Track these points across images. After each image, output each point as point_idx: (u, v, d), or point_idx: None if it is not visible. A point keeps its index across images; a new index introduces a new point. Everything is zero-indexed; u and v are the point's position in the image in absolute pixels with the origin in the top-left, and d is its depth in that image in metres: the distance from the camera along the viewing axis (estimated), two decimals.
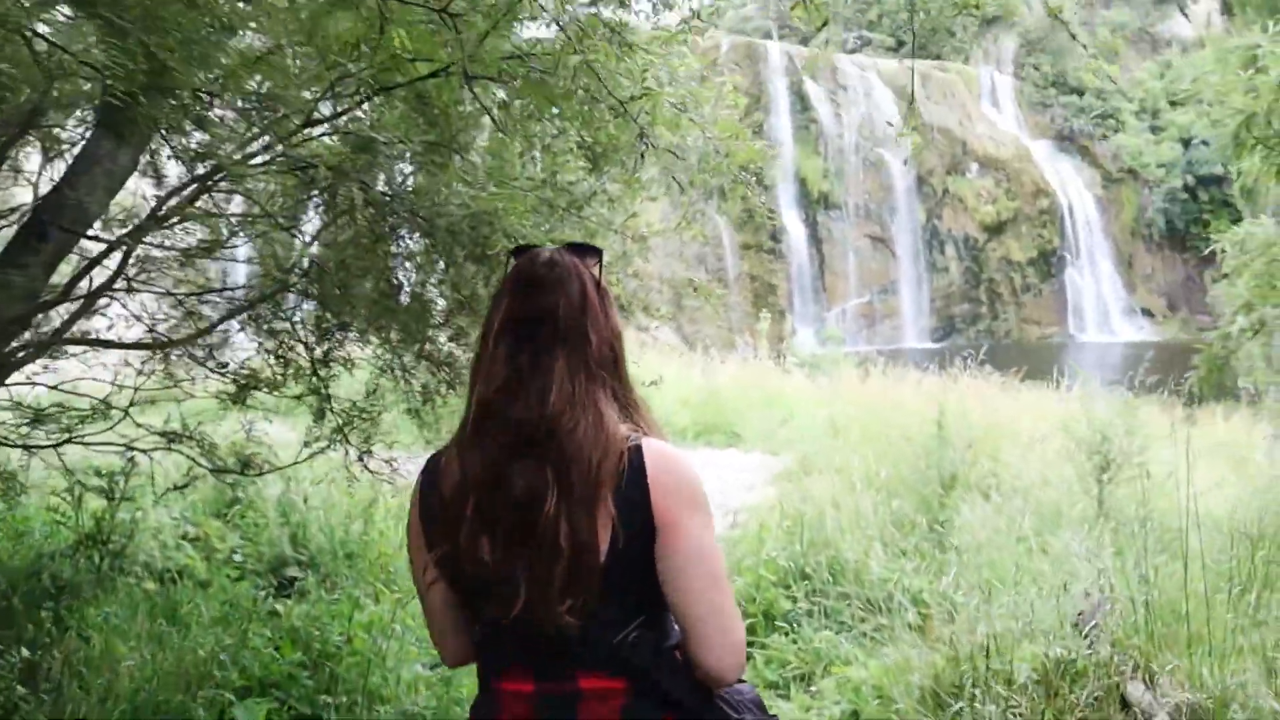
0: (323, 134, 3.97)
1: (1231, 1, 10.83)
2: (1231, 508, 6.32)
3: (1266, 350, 13.45)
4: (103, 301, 4.41)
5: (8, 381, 4.28)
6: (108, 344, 4.51)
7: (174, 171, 4.03)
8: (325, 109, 3.84)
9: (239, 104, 3.52)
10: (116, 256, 4.24)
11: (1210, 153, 46.90)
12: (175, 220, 4.14)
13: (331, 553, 6.55)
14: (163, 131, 3.32)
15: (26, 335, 4.29)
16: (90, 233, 4.15)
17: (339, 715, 4.36)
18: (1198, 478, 4.77)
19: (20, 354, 4.21)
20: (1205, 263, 49.31)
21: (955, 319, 42.68)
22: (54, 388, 4.62)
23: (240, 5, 3.45)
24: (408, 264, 4.54)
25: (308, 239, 4.48)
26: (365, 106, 3.96)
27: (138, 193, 4.38)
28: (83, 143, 4.15)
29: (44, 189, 4.13)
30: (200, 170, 3.84)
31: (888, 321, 40.96)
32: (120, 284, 4.32)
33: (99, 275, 4.30)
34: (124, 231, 4.07)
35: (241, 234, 4.52)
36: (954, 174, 44.01)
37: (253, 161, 3.77)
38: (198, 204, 4.22)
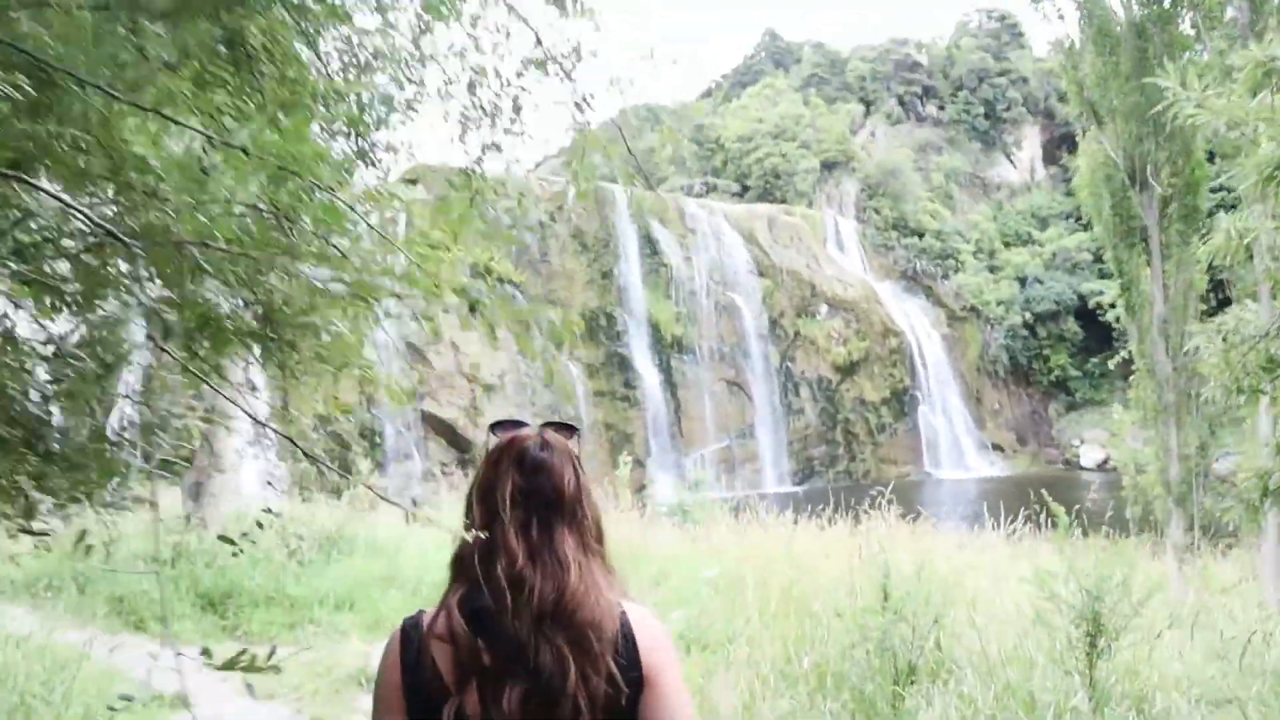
0: None
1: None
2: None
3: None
4: None
5: None
6: None
7: None
8: None
9: None
10: None
11: (1045, 289, 48.52)
12: None
13: None
14: None
15: None
16: None
17: None
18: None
19: None
20: (1048, 397, 50.86)
21: (814, 461, 42.08)
22: None
23: None
24: None
25: None
26: None
27: None
28: None
29: None
30: None
31: (748, 466, 40.05)
32: None
33: None
34: None
35: None
36: (804, 316, 44.07)
37: None
38: None
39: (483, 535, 2.02)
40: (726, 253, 43.04)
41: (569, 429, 2.19)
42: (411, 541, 11.37)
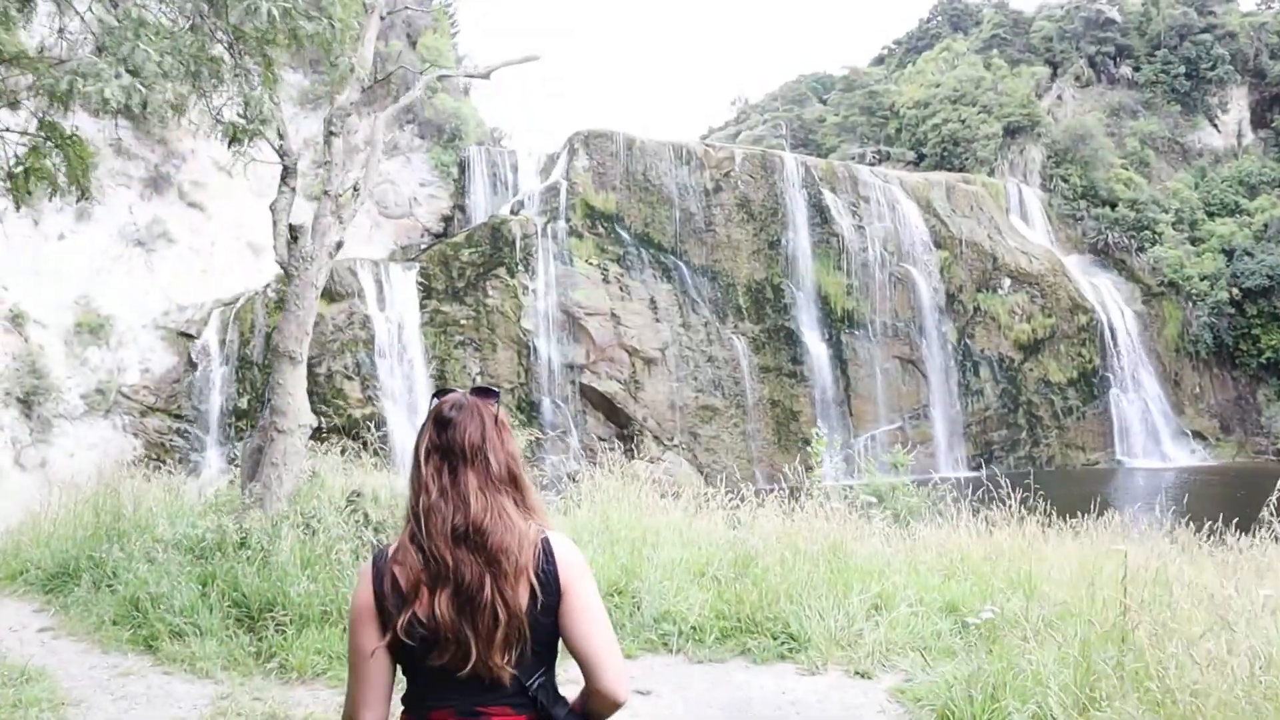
0: None
1: None
2: None
3: None
4: None
5: None
6: None
7: None
8: None
9: None
10: None
11: (1255, 263, 44.26)
12: None
13: None
14: None
15: None
16: None
17: None
18: None
19: None
20: (1257, 381, 46.47)
21: (993, 445, 39.43)
22: None
23: None
24: None
25: None
26: None
27: None
28: None
29: None
30: None
31: (921, 449, 37.69)
32: None
33: None
34: None
35: None
36: (985, 290, 41.32)
37: None
38: None
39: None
40: (901, 222, 40.62)
41: (490, 393, 2.74)
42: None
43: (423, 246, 36.59)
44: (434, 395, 2.75)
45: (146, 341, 31.00)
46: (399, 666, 2.60)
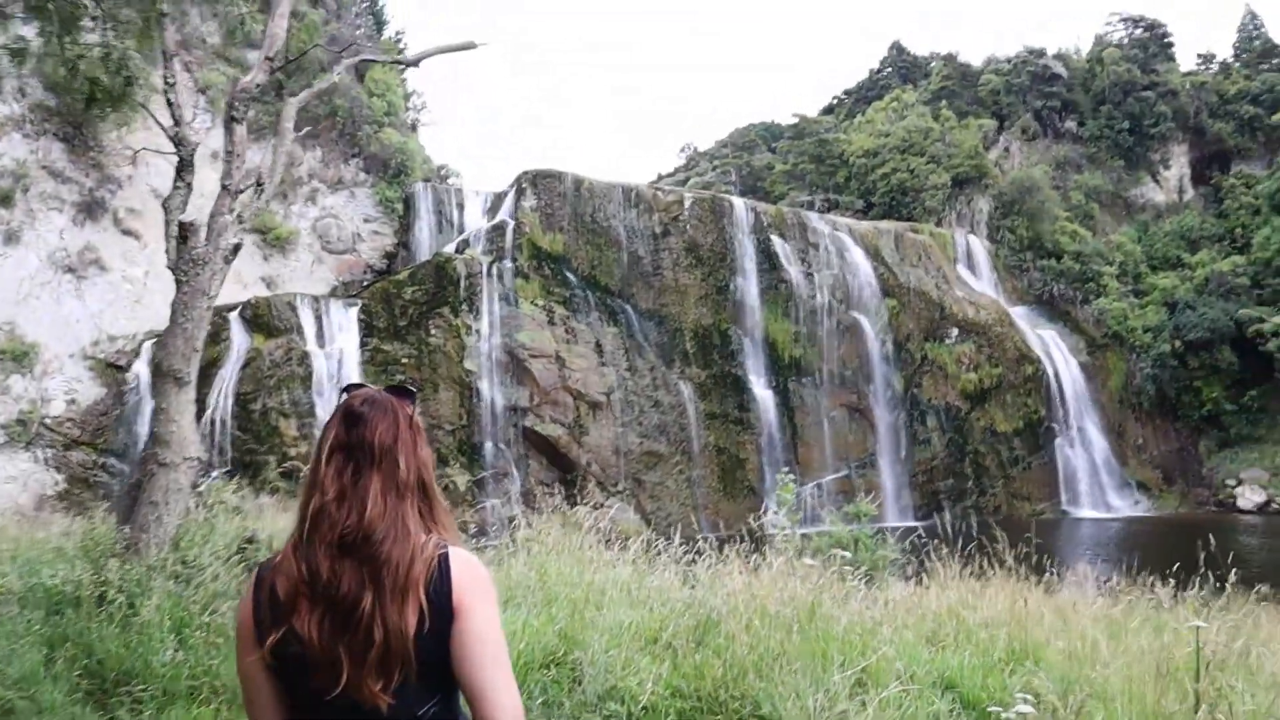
0: None
1: None
2: None
3: None
4: None
5: None
6: None
7: None
8: None
9: None
10: None
11: (1197, 316, 44.75)
12: None
13: None
14: None
15: None
16: None
17: None
18: None
19: None
20: (1198, 433, 46.82)
21: (940, 494, 39.17)
22: None
23: None
24: None
25: None
26: None
27: None
28: None
29: None
30: None
31: (868, 498, 37.38)
32: None
33: None
34: None
35: None
36: (932, 339, 41.27)
37: None
38: None
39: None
40: (850, 270, 40.53)
41: (406, 393, 2.53)
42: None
43: (365, 283, 35.86)
44: (344, 390, 2.55)
45: (73, 371, 29.96)
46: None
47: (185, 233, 8.76)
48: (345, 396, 2.49)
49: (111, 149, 31.20)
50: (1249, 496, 40.82)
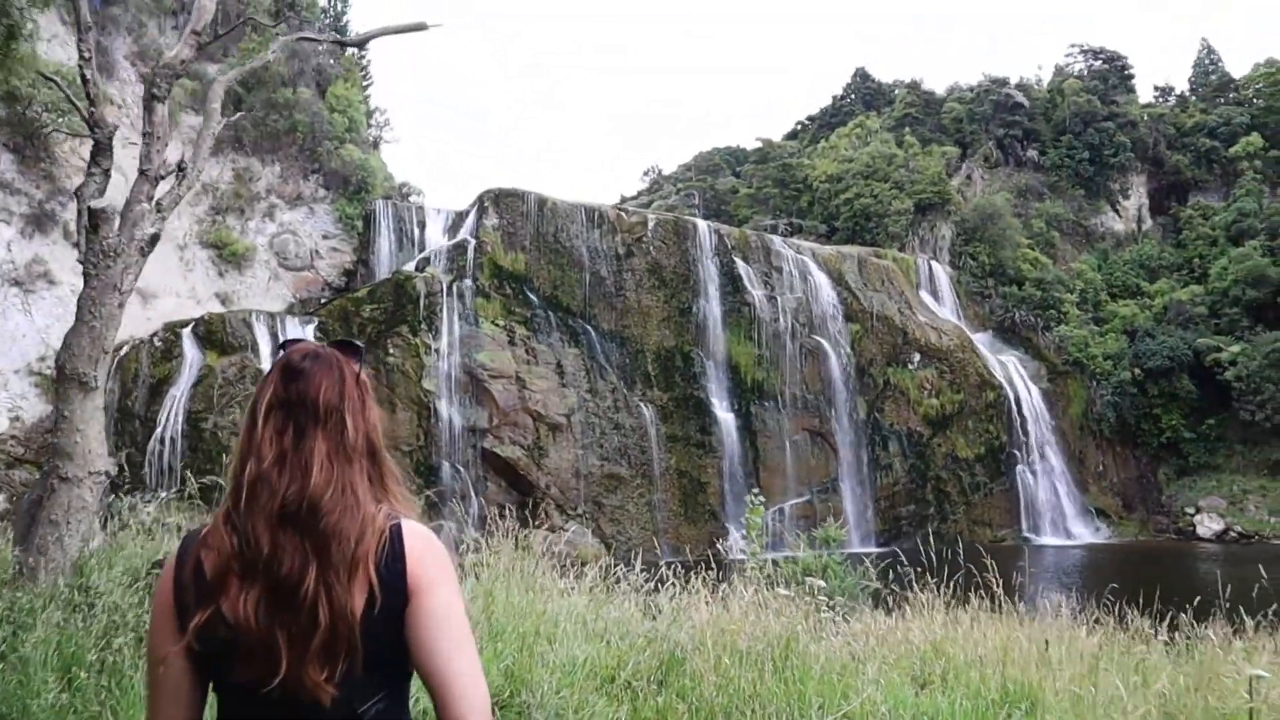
0: None
1: None
2: None
3: None
4: None
5: None
6: None
7: None
8: None
9: None
10: None
11: (1157, 344, 45.03)
12: None
13: None
14: None
15: None
16: None
17: None
18: None
19: None
20: (1157, 460, 47.03)
21: (902, 520, 38.95)
22: None
23: None
24: None
25: None
26: None
27: None
28: None
29: None
30: None
31: (830, 523, 37.07)
32: None
33: None
34: None
35: None
36: (895, 364, 41.18)
37: None
38: None
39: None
40: (813, 294, 40.40)
41: (353, 348, 2.24)
42: None
43: (323, 300, 35.24)
44: (281, 345, 2.26)
45: (18, 388, 29.07)
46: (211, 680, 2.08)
47: (97, 221, 8.03)
48: (283, 352, 2.21)
49: (64, 160, 30.47)
50: (1208, 524, 40.97)
